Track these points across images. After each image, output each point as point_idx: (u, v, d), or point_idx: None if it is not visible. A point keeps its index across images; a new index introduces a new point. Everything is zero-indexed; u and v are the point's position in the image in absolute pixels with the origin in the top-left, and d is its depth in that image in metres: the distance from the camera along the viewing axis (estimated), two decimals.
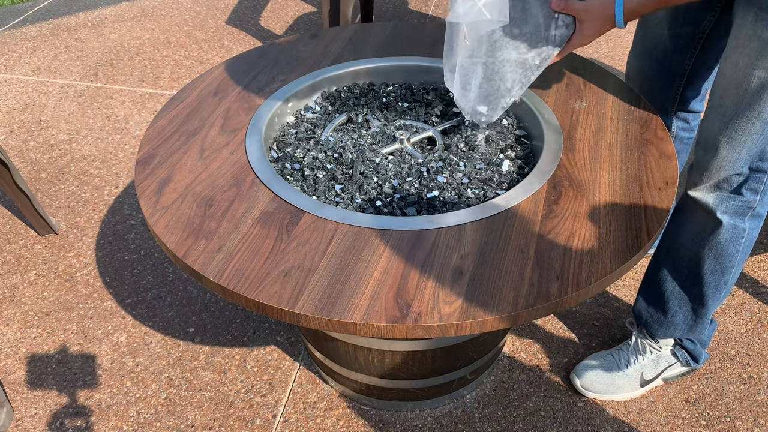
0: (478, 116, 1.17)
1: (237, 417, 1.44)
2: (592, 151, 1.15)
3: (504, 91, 1.13)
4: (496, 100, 1.15)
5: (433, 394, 1.40)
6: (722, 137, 1.09)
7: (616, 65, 2.71)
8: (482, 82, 1.12)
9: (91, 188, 2.11)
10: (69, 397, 1.50)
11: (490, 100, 1.14)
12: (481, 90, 1.14)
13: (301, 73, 1.39)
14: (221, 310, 1.70)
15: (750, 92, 1.03)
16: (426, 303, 0.87)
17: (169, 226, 1.01)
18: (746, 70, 1.02)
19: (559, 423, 1.42)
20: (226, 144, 1.19)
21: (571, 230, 0.99)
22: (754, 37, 0.99)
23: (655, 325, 1.39)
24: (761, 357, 1.55)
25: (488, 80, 1.12)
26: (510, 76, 1.12)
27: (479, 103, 1.15)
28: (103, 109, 2.50)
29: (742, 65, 1.02)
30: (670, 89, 1.38)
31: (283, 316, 0.88)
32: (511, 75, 1.12)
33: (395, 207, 1.08)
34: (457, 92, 1.15)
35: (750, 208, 1.16)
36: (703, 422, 1.42)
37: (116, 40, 2.98)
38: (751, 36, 1.00)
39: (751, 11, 0.99)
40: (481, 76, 1.12)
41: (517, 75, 1.12)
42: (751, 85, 1.02)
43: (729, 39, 1.06)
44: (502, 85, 1.13)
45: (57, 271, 1.82)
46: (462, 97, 1.15)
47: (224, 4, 3.29)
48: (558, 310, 0.90)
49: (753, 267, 1.79)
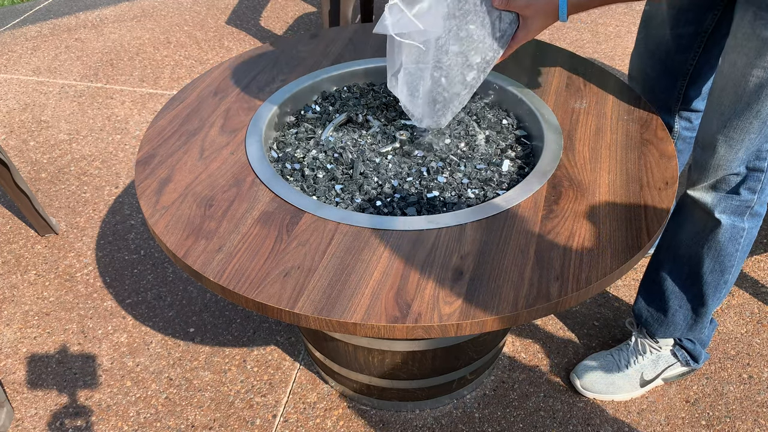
0: (427, 122, 1.15)
1: (237, 417, 1.45)
2: (592, 151, 1.15)
3: (452, 95, 1.12)
4: (445, 106, 1.13)
5: (433, 394, 1.40)
6: (720, 136, 1.10)
7: (616, 65, 2.71)
8: (431, 87, 1.10)
9: (91, 188, 2.11)
10: (69, 397, 1.50)
11: (439, 105, 1.13)
12: (429, 95, 1.12)
13: (301, 73, 1.39)
14: (221, 310, 1.70)
15: (748, 91, 1.03)
16: (426, 303, 0.87)
17: (169, 226, 1.01)
18: (744, 69, 1.02)
19: (559, 423, 1.42)
20: (226, 144, 1.19)
21: (571, 230, 0.99)
22: (752, 36, 0.99)
23: (655, 324, 1.39)
24: (761, 357, 1.55)
25: (436, 85, 1.10)
26: (458, 80, 1.10)
27: (428, 109, 1.13)
28: (103, 109, 2.50)
29: (740, 64, 1.02)
30: (673, 89, 1.38)
31: (283, 316, 0.88)
32: (459, 78, 1.10)
33: (395, 207, 1.08)
34: (404, 98, 1.13)
35: (748, 207, 1.16)
36: (703, 422, 1.42)
37: (116, 40, 2.98)
38: (749, 35, 1.00)
39: (750, 10, 0.99)
40: (429, 81, 1.10)
41: (465, 78, 1.10)
42: (749, 85, 1.02)
43: (728, 38, 1.06)
44: (451, 89, 1.11)
45: (57, 271, 1.82)
46: (410, 103, 1.13)
47: (224, 4, 3.29)
48: (558, 310, 0.90)
49: (753, 267, 1.79)
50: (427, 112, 1.14)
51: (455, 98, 1.13)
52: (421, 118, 1.15)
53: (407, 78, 1.10)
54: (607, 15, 3.11)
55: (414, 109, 1.14)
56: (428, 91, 1.11)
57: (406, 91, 1.12)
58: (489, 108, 1.34)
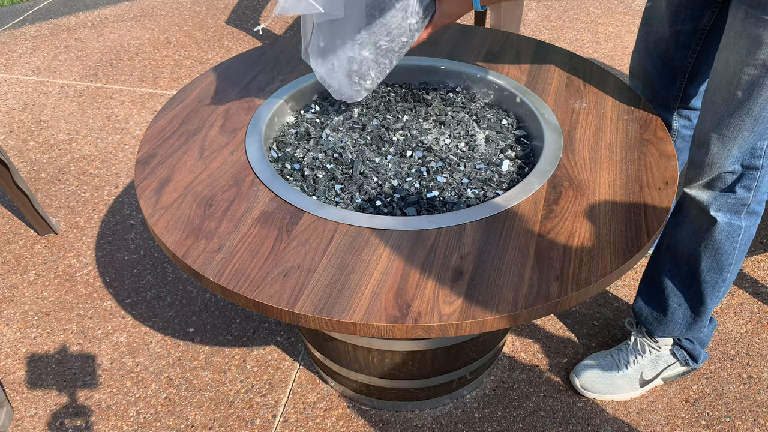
0: (344, 95, 1.18)
1: (237, 417, 1.44)
2: (592, 151, 1.15)
3: (365, 71, 1.15)
4: (360, 81, 1.16)
5: (433, 394, 1.40)
6: (713, 134, 1.10)
7: (616, 65, 2.71)
8: (347, 64, 1.13)
9: (91, 188, 2.11)
10: (69, 397, 1.50)
11: (354, 80, 1.16)
12: (345, 70, 1.14)
13: (301, 73, 1.39)
14: (221, 310, 1.70)
15: (740, 89, 1.03)
16: (426, 303, 0.87)
17: (169, 226, 1.01)
18: (736, 67, 1.02)
19: (559, 423, 1.42)
20: (226, 144, 1.19)
21: (571, 230, 0.99)
22: (743, 34, 1.00)
23: (655, 323, 1.39)
24: (761, 357, 1.55)
25: (350, 62, 1.13)
26: (371, 58, 1.13)
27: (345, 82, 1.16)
28: (103, 109, 2.50)
29: (732, 62, 1.03)
30: (673, 86, 1.38)
31: (283, 316, 0.88)
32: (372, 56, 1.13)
33: (395, 207, 1.08)
34: (321, 70, 1.16)
35: (744, 205, 1.16)
36: (703, 422, 1.42)
37: (116, 40, 2.98)
38: (741, 33, 1.00)
39: (742, 8, 1.00)
40: (345, 57, 1.13)
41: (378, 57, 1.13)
42: (741, 83, 1.02)
43: (722, 36, 1.07)
44: (364, 66, 1.14)
45: (57, 271, 1.82)
46: (328, 76, 1.16)
47: (224, 4, 3.29)
48: (558, 310, 0.90)
49: (752, 267, 1.79)
50: (344, 84, 1.16)
51: (366, 76, 1.15)
52: (339, 90, 1.18)
53: (322, 51, 1.13)
54: (607, 15, 3.11)
55: (332, 82, 1.17)
56: (343, 67, 1.14)
57: (321, 64, 1.15)
58: (489, 108, 1.34)
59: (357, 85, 1.16)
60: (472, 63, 1.41)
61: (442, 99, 1.37)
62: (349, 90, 1.17)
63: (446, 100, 1.36)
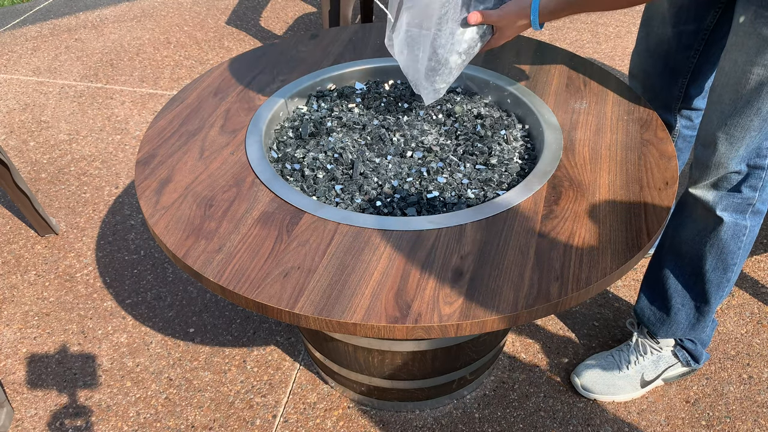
0: (424, 90, 1.17)
1: (237, 417, 1.44)
2: (592, 152, 1.15)
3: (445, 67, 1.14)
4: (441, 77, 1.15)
5: (433, 395, 1.40)
6: (720, 134, 1.10)
7: (616, 65, 2.71)
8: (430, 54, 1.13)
9: (91, 188, 2.11)
10: (69, 397, 1.50)
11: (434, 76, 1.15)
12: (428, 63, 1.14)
13: (301, 73, 1.39)
14: (221, 310, 1.70)
15: (748, 89, 1.03)
16: (426, 303, 0.87)
17: (169, 226, 1.01)
18: (745, 67, 1.02)
19: (559, 423, 1.42)
20: (226, 144, 1.19)
21: (571, 230, 0.99)
22: (753, 34, 1.00)
23: (658, 324, 1.39)
24: (761, 357, 1.55)
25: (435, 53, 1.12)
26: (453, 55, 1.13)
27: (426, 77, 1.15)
28: (103, 110, 2.50)
29: (740, 62, 1.03)
30: (674, 87, 1.38)
31: (283, 317, 0.88)
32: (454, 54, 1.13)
33: (395, 207, 1.08)
34: (405, 60, 1.15)
35: (750, 204, 1.16)
36: (703, 423, 1.42)
37: (116, 40, 2.98)
38: (750, 33, 1.00)
39: (751, 8, 0.99)
40: (429, 48, 1.12)
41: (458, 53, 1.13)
42: (749, 83, 1.02)
43: (729, 36, 1.06)
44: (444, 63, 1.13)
45: (57, 271, 1.82)
46: (409, 67, 1.15)
47: (224, 5, 3.29)
48: (558, 310, 0.89)
49: (753, 267, 1.79)
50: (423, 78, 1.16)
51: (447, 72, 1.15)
52: (416, 84, 1.17)
53: (408, 40, 1.13)
54: (607, 15, 3.11)
55: (414, 76, 1.16)
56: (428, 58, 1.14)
57: (406, 54, 1.15)
58: (489, 108, 1.34)
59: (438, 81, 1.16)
60: (472, 63, 1.41)
61: (443, 99, 1.37)
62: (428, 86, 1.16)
63: (446, 101, 1.36)
